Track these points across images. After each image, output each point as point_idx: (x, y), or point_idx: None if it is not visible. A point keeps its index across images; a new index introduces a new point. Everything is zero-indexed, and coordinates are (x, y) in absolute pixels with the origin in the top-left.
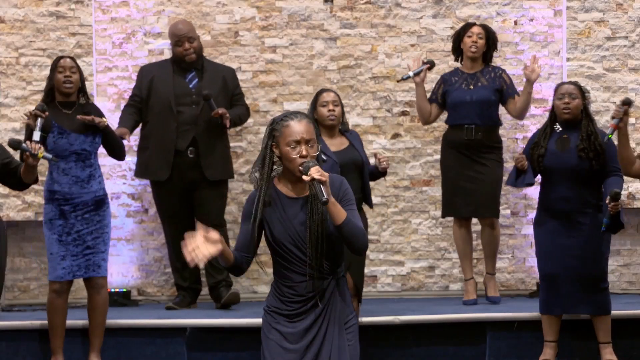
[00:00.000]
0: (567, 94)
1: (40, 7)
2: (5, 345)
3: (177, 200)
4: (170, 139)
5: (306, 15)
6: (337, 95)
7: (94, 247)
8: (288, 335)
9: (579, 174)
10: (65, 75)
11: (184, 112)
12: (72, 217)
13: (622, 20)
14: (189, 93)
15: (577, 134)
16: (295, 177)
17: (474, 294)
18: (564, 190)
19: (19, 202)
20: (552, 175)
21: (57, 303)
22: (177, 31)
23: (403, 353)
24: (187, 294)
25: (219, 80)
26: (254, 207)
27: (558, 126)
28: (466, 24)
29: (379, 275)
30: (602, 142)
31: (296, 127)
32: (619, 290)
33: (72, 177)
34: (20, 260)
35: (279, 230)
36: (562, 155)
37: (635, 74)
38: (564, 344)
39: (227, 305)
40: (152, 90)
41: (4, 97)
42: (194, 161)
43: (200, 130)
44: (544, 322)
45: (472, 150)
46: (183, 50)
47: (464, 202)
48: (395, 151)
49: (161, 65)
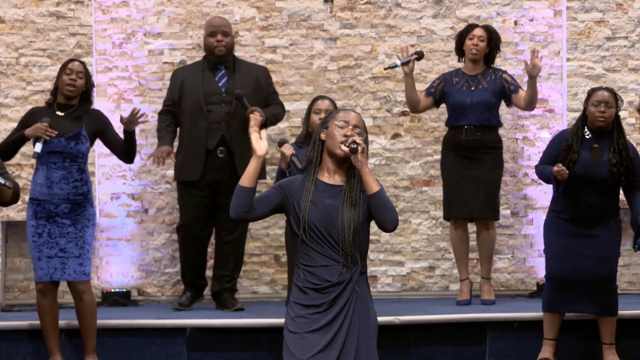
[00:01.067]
0: (604, 102)
1: (40, 7)
2: (5, 345)
3: (202, 201)
4: (201, 138)
5: (306, 15)
6: (332, 103)
7: (67, 251)
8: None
9: (607, 185)
10: (71, 78)
11: (213, 111)
12: (44, 218)
13: (622, 21)
14: (218, 92)
15: (607, 144)
16: (334, 167)
17: (467, 294)
18: (588, 198)
19: (19, 203)
20: (579, 183)
21: (43, 303)
22: (213, 22)
23: (403, 353)
24: (193, 291)
25: (252, 80)
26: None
27: (587, 132)
28: (469, 26)
29: (379, 276)
30: (632, 156)
31: (349, 113)
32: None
33: (44, 177)
34: (20, 260)
35: (313, 213)
36: (593, 167)
37: (635, 74)
38: (564, 344)
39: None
40: (183, 92)
41: (4, 97)
42: (223, 161)
43: (231, 129)
44: (546, 320)
45: (471, 151)
46: (215, 41)
47: (461, 203)
48: (395, 151)
49: (192, 67)
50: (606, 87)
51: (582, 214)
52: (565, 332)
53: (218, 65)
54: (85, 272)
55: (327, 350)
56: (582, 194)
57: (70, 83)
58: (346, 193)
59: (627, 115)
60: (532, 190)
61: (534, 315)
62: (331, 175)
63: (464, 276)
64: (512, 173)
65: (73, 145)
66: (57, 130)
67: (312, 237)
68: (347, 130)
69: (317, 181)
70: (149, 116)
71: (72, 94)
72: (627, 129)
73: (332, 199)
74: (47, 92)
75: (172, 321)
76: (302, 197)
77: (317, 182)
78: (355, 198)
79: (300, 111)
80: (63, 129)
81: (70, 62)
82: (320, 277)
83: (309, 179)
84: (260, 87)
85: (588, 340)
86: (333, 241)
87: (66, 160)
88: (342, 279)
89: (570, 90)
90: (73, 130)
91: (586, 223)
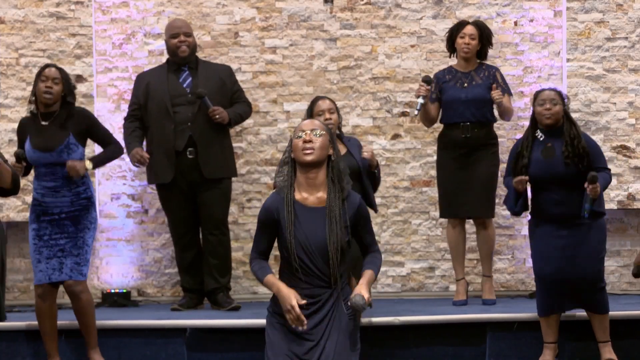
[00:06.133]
0: (548, 99)
1: (40, 7)
2: (5, 346)
3: (182, 203)
4: (169, 140)
5: (306, 16)
6: (332, 103)
7: (66, 251)
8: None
9: (568, 179)
10: (47, 85)
11: (180, 112)
12: (46, 221)
13: (622, 21)
14: (183, 93)
15: (560, 141)
16: (307, 183)
17: (464, 295)
18: (555, 195)
19: (19, 203)
20: (540, 182)
21: (43, 307)
22: (174, 24)
23: (403, 353)
24: (193, 295)
25: (215, 79)
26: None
27: (540, 134)
28: (459, 23)
29: (379, 276)
30: (585, 144)
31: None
32: (619, 290)
33: (43, 186)
34: (20, 261)
35: (297, 241)
36: (547, 164)
37: (635, 74)
38: (564, 345)
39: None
40: (149, 95)
41: (3, 97)
42: (193, 162)
43: (197, 129)
44: (543, 324)
45: (467, 148)
46: (177, 42)
47: (457, 202)
48: (395, 152)
49: (155, 70)
50: (551, 87)
51: (553, 212)
52: (566, 332)
53: (181, 66)
54: (82, 272)
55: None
56: (547, 193)
57: (46, 90)
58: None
59: (627, 115)
60: None
61: (534, 316)
62: (309, 192)
63: (460, 276)
64: None
65: (65, 157)
66: (46, 144)
67: (290, 261)
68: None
69: (296, 204)
70: None
71: (49, 102)
72: (627, 129)
73: (314, 224)
74: None
75: (172, 321)
76: (284, 219)
77: (295, 205)
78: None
79: (300, 112)
80: (51, 141)
81: (45, 68)
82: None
83: (287, 202)
84: (224, 86)
85: (588, 340)
86: (311, 264)
87: (63, 169)
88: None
89: (570, 90)
90: (61, 141)
91: (563, 223)
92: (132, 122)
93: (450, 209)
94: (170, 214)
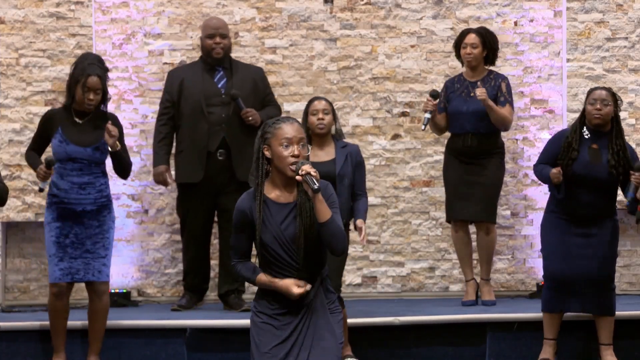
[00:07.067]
0: (600, 99)
1: (40, 7)
2: (5, 346)
3: (203, 203)
4: (202, 140)
5: (306, 16)
6: (328, 104)
7: (94, 252)
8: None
9: (605, 186)
10: (89, 98)
11: (214, 112)
12: (70, 220)
13: (622, 21)
14: (217, 93)
15: (605, 145)
16: (283, 182)
17: (473, 295)
18: (586, 197)
19: (19, 203)
20: (578, 182)
21: (58, 306)
22: (211, 24)
23: (403, 354)
24: (195, 295)
25: (249, 81)
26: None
27: (586, 131)
28: (461, 33)
29: (379, 276)
30: (630, 158)
31: (288, 128)
32: (619, 291)
33: (69, 182)
34: (20, 261)
35: (267, 235)
36: (593, 167)
37: (635, 74)
38: (564, 344)
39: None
40: (182, 93)
41: (4, 97)
42: (224, 163)
43: (231, 131)
44: (545, 320)
45: (471, 157)
46: (213, 43)
47: (461, 206)
48: (395, 152)
49: (189, 67)
50: (605, 87)
51: (579, 213)
52: (566, 332)
53: (216, 66)
54: (108, 274)
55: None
56: (580, 193)
57: (89, 103)
58: (300, 211)
59: (627, 115)
60: (532, 190)
61: (534, 316)
62: (280, 190)
63: (469, 277)
64: (512, 174)
65: (99, 155)
66: (81, 139)
67: (268, 258)
68: (292, 150)
69: (267, 200)
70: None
71: (90, 110)
72: (627, 130)
73: (285, 219)
74: (47, 93)
75: (172, 322)
76: (257, 219)
77: (267, 201)
78: (309, 213)
79: (300, 112)
80: (87, 138)
81: (88, 78)
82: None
83: (257, 198)
84: (257, 88)
85: (588, 340)
86: (290, 259)
87: (92, 166)
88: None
89: (570, 90)
90: (97, 140)
91: (583, 222)
92: (163, 125)
93: (455, 212)
94: (188, 213)
